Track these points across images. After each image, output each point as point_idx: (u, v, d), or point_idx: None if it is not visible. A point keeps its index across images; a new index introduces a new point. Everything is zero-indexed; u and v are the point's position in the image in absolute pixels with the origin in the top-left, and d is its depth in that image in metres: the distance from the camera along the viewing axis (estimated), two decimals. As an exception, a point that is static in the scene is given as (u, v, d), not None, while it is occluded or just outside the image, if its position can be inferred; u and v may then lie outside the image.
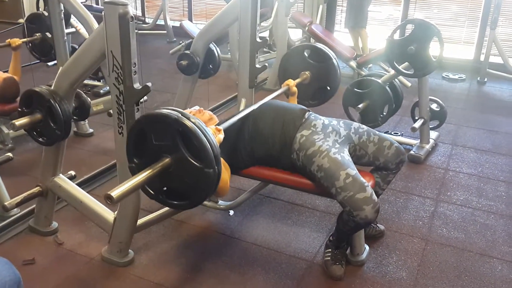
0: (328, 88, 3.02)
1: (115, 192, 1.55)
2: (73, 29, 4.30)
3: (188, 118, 1.68)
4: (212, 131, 1.78)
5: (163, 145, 1.71)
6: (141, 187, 1.74)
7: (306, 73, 2.96)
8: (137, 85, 1.94)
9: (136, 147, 1.77)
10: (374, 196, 2.03)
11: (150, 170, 1.67)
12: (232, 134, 2.25)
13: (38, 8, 4.56)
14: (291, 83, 2.76)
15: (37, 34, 3.73)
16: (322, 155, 2.09)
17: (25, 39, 3.69)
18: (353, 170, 2.06)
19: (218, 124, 2.36)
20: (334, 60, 2.96)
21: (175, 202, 1.82)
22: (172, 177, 1.74)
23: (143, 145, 1.75)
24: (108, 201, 1.54)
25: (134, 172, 1.75)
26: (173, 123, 1.67)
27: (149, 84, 1.93)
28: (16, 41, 3.52)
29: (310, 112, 2.32)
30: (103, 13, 1.89)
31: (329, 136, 2.20)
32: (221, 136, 1.95)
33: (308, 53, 3.01)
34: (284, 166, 2.24)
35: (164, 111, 1.71)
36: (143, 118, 1.79)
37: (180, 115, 1.68)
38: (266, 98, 2.49)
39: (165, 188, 1.80)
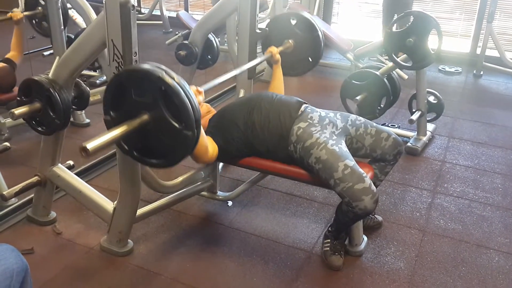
0: (310, 59, 3.00)
1: (90, 144, 1.52)
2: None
3: (172, 77, 1.64)
4: (193, 92, 1.72)
5: (142, 102, 1.68)
6: (116, 142, 1.71)
7: (290, 41, 2.92)
8: (137, 74, 1.93)
9: (115, 100, 1.73)
10: (373, 187, 2.04)
11: (127, 126, 1.64)
12: (226, 123, 2.25)
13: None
14: (274, 50, 2.75)
15: (39, 8, 3.60)
16: (320, 147, 2.09)
17: (26, 13, 3.56)
18: (351, 161, 2.07)
19: (214, 116, 2.37)
20: (319, 32, 2.93)
21: (150, 160, 1.80)
22: (149, 135, 1.72)
23: (122, 99, 1.71)
24: (83, 153, 1.51)
25: (109, 125, 1.72)
26: (156, 81, 1.62)
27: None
28: (18, 14, 3.40)
29: (307, 105, 2.32)
30: (104, 2, 1.87)
31: (326, 128, 2.20)
32: (201, 98, 1.94)
33: (295, 22, 2.97)
34: (281, 159, 2.24)
35: (148, 66, 1.66)
36: (124, 72, 1.74)
37: (164, 73, 1.64)
38: (247, 65, 2.49)
39: (140, 146, 1.77)
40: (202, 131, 1.99)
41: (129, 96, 1.70)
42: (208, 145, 2.12)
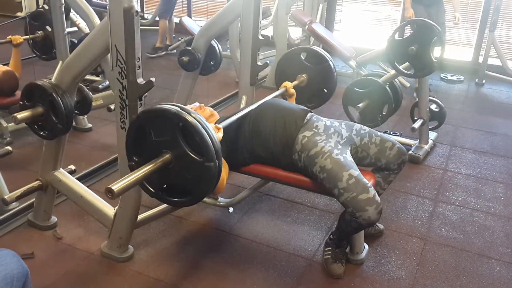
0: (325, 90, 3.05)
1: (116, 186, 1.56)
2: (75, 28, 4.27)
3: (189, 113, 1.68)
4: (212, 127, 1.78)
5: (163, 141, 1.72)
6: (141, 183, 1.74)
7: (303, 75, 2.98)
8: (140, 80, 1.93)
9: (136, 144, 1.77)
10: (377, 197, 2.03)
11: (150, 165, 1.68)
12: (232, 131, 2.25)
13: (38, 3, 4.51)
14: (288, 85, 2.78)
15: (39, 32, 3.68)
16: (325, 156, 2.09)
17: (26, 36, 3.65)
18: (355, 171, 2.06)
19: (218, 122, 2.37)
20: (330, 63, 2.99)
21: (176, 199, 1.82)
22: (172, 173, 1.74)
23: (143, 142, 1.75)
24: (109, 195, 1.55)
25: (133, 170, 1.75)
26: (173, 118, 1.67)
27: (153, 79, 1.92)
28: (18, 38, 3.50)
29: (312, 113, 2.32)
30: (107, 7, 1.88)
31: (331, 137, 2.20)
32: (220, 134, 1.95)
33: (305, 56, 3.03)
34: (285, 166, 2.24)
35: (164, 106, 1.71)
36: (142, 114, 1.80)
37: (180, 109, 1.68)
38: (264, 98, 2.50)
39: (165, 186, 1.80)
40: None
41: (149, 138, 1.73)
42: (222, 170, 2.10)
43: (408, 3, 4.89)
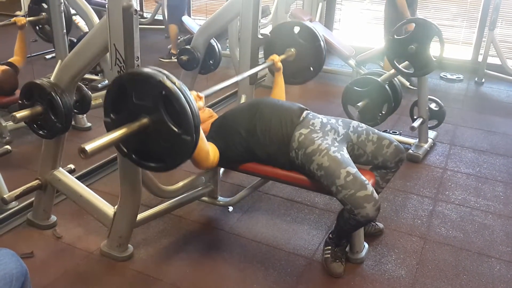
0: (311, 69, 3.03)
1: (89, 146, 1.54)
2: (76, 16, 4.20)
3: (173, 82, 1.65)
4: (193, 97, 1.75)
5: (143, 105, 1.70)
6: (115, 145, 1.72)
7: (292, 50, 2.95)
8: (139, 79, 1.93)
9: (115, 102, 1.75)
10: (375, 194, 2.03)
11: (126, 128, 1.66)
12: (227, 128, 2.25)
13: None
14: (276, 58, 2.76)
15: (43, 14, 3.63)
16: (322, 153, 2.08)
17: (30, 18, 3.60)
18: (353, 168, 2.06)
19: (215, 120, 2.37)
20: (322, 43, 2.96)
21: (148, 164, 1.81)
22: (148, 139, 1.73)
23: (123, 102, 1.73)
24: (82, 154, 1.53)
25: (109, 127, 1.74)
26: (157, 85, 1.64)
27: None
28: (21, 19, 3.46)
29: (308, 111, 2.31)
30: (106, 6, 1.88)
31: (328, 135, 2.19)
32: (201, 103, 1.96)
33: (298, 31, 2.99)
34: (282, 165, 2.23)
35: (149, 70, 1.68)
36: (126, 75, 1.77)
37: (165, 77, 1.66)
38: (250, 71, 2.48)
39: (139, 149, 1.79)
40: (203, 136, 2.00)
41: (130, 99, 1.71)
42: (209, 150, 2.12)
43: (405, 6, 4.72)
